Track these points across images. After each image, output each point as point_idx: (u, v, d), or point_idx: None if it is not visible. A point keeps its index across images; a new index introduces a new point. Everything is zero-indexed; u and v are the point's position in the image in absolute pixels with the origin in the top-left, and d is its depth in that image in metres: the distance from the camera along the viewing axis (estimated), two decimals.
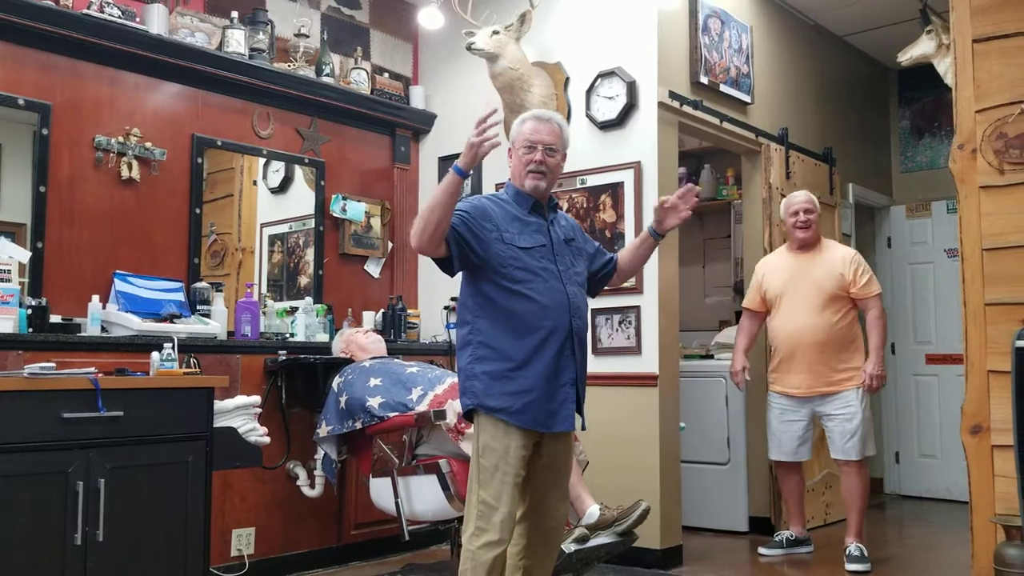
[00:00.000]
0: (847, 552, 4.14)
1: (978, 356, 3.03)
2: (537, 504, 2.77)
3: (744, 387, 4.55)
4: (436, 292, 5.08)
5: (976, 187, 3.19)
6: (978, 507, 3.03)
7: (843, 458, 4.27)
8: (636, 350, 4.32)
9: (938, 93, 5.81)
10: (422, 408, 3.60)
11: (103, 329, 3.69)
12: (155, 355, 3.30)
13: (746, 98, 4.92)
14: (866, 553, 4.13)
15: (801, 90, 5.55)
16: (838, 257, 4.35)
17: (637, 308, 4.33)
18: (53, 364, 2.97)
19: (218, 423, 3.33)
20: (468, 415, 2.79)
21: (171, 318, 3.83)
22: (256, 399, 3.65)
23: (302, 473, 4.18)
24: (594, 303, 4.39)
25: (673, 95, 4.40)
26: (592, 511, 3.48)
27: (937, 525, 5.40)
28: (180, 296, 4.01)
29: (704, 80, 4.58)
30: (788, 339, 4.31)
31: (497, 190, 4.79)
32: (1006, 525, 2.80)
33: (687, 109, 4.48)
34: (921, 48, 4.77)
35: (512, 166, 2.86)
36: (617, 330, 4.38)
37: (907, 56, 4.86)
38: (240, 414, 3.53)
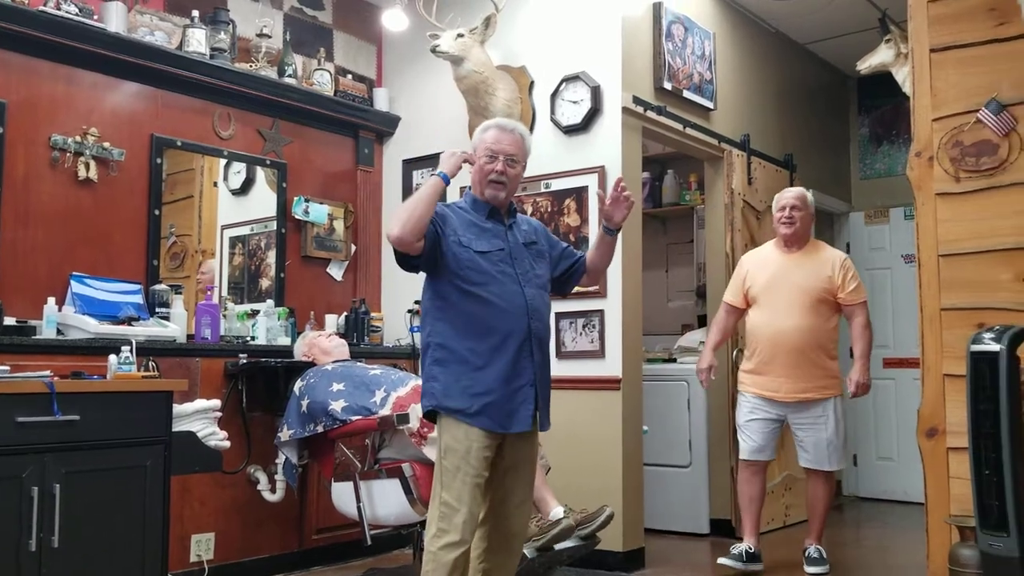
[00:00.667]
0: (806, 554, 4.18)
1: (934, 360, 3.08)
2: (498, 506, 2.78)
3: (708, 386, 4.44)
4: (399, 295, 5.06)
5: (933, 194, 3.24)
6: (934, 508, 3.08)
7: (814, 467, 4.15)
8: (600, 354, 4.33)
9: (896, 101, 5.90)
10: (385, 412, 3.58)
11: (59, 332, 3.63)
12: (112, 358, 3.25)
13: (709, 104, 4.96)
14: (825, 555, 4.17)
15: (763, 97, 5.61)
16: (827, 259, 4.17)
17: (601, 312, 4.35)
18: (7, 367, 2.91)
19: (177, 427, 3.28)
20: (430, 416, 2.80)
21: (129, 321, 3.77)
22: (216, 403, 3.60)
23: (263, 477, 4.14)
24: (558, 307, 4.42)
25: (637, 100, 4.42)
26: (556, 512, 3.49)
27: (894, 526, 5.48)
28: (138, 298, 3.95)
29: (668, 86, 4.62)
30: (768, 340, 4.11)
31: (461, 194, 4.81)
32: (960, 526, 2.85)
33: (651, 114, 4.51)
34: (880, 57, 4.85)
35: (472, 172, 2.87)
36: (581, 334, 4.39)
37: (866, 64, 4.93)
38: (200, 418, 3.48)
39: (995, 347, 2.73)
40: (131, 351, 3.27)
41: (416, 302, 4.93)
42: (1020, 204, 3.04)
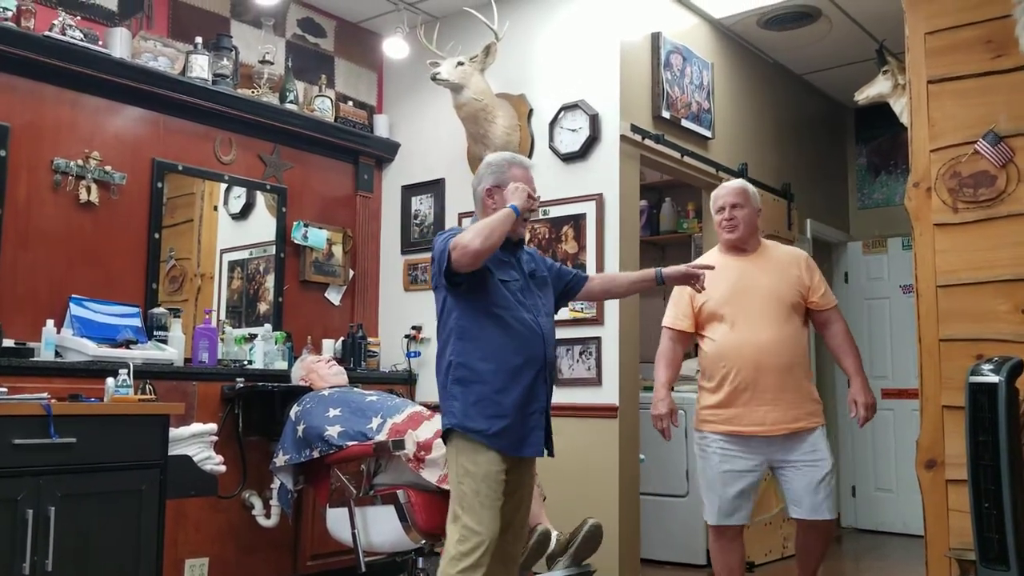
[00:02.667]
0: None
1: (933, 391, 3.07)
2: (501, 531, 2.76)
3: (671, 436, 3.59)
4: (397, 320, 5.06)
5: (931, 225, 3.25)
6: (933, 541, 3.06)
7: (811, 517, 3.32)
8: (596, 381, 4.33)
9: (894, 132, 5.94)
10: (381, 437, 3.57)
11: (57, 354, 3.62)
12: (110, 381, 3.24)
13: (707, 133, 4.99)
14: None
15: (761, 126, 5.65)
16: (791, 259, 3.54)
17: (598, 339, 4.35)
18: (5, 389, 2.90)
19: (173, 451, 3.27)
20: (445, 436, 2.82)
21: (127, 344, 3.77)
22: (212, 427, 3.59)
23: (258, 503, 4.12)
24: (556, 334, 4.40)
25: (635, 129, 4.45)
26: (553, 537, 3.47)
27: (893, 559, 5.45)
28: (137, 321, 3.95)
29: (666, 115, 4.65)
30: (748, 361, 3.31)
31: (460, 221, 4.83)
32: (961, 559, 2.83)
33: (649, 143, 4.53)
34: (878, 88, 4.88)
35: (493, 205, 2.91)
36: (578, 361, 4.39)
37: (864, 95, 4.97)
38: (196, 442, 3.47)
39: (994, 378, 2.73)
40: (128, 374, 3.27)
41: (414, 327, 4.96)
42: (1018, 235, 3.05)
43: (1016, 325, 3.03)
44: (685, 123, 4.80)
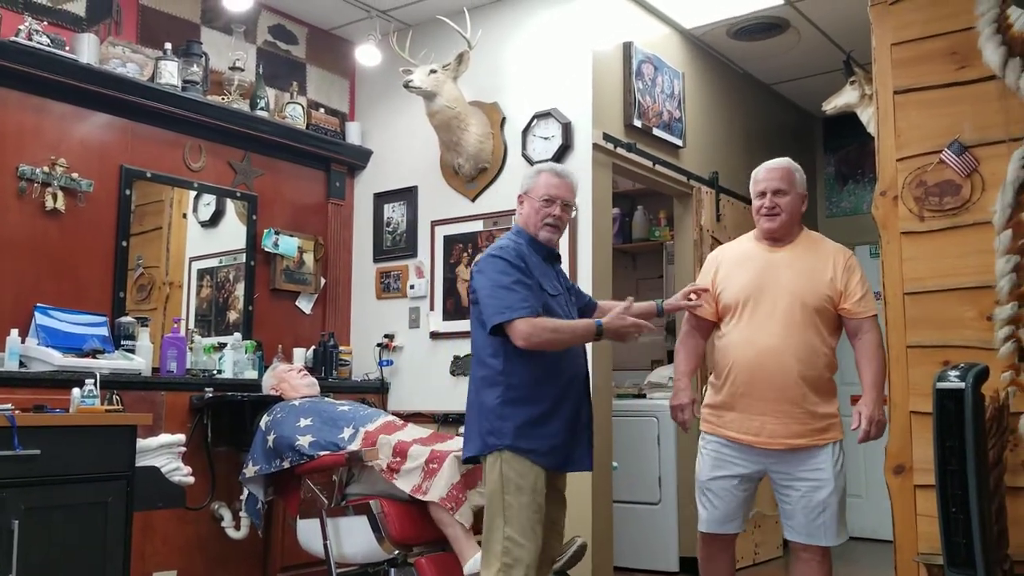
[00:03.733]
0: None
1: (901, 397, 3.11)
2: (544, 535, 2.84)
3: (689, 428, 3.27)
4: (369, 329, 5.04)
5: (898, 233, 3.29)
6: (902, 546, 3.08)
7: (806, 542, 3.00)
8: None
9: (861, 141, 6.00)
10: (354, 447, 3.54)
11: (22, 364, 3.56)
12: (76, 391, 3.19)
13: (678, 142, 5.02)
14: None
15: (731, 135, 5.69)
16: (827, 256, 3.13)
17: None
18: None
19: (140, 462, 3.23)
20: (483, 455, 2.85)
21: (94, 353, 3.72)
22: (180, 438, 3.55)
23: (227, 514, 4.07)
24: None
25: (607, 137, 4.47)
26: None
27: (862, 564, 5.49)
28: (104, 331, 3.90)
29: (638, 123, 4.67)
30: (748, 364, 3.00)
31: (432, 229, 4.83)
32: (929, 564, 2.86)
33: (621, 151, 4.55)
34: (845, 98, 4.94)
35: (525, 213, 2.98)
36: None
37: (832, 105, 5.03)
38: (164, 453, 3.44)
39: (960, 385, 2.76)
40: (95, 384, 3.22)
41: (386, 336, 4.94)
42: (982, 243, 3.10)
43: (981, 332, 3.07)
44: (657, 132, 4.83)
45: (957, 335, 3.13)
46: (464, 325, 4.70)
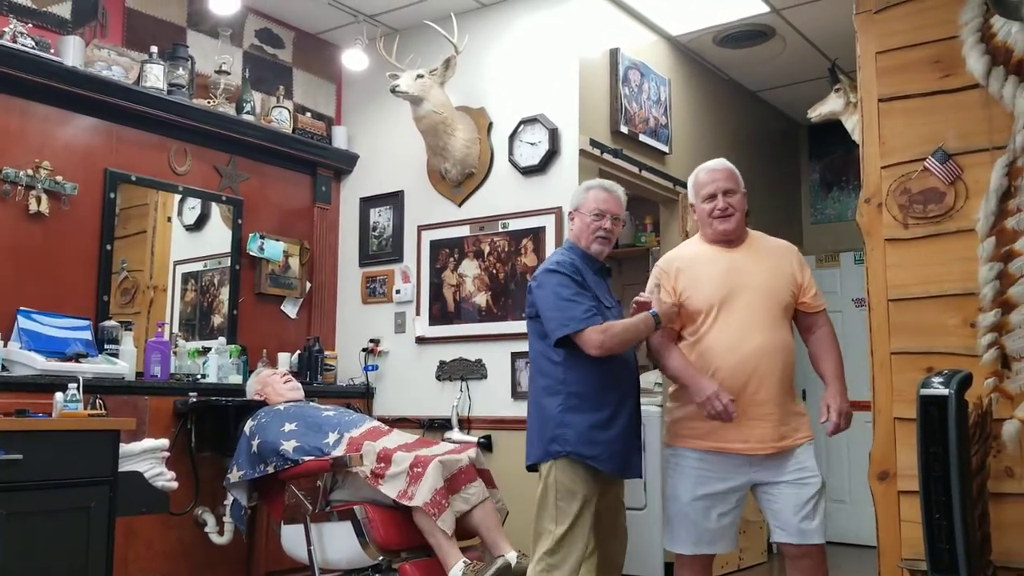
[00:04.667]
0: None
1: (885, 404, 3.12)
2: (607, 538, 3.03)
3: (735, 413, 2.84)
4: (354, 334, 5.03)
5: (882, 240, 3.31)
6: (886, 552, 3.09)
7: (799, 541, 2.88)
8: None
9: (846, 148, 6.04)
10: (338, 452, 3.53)
11: (4, 368, 3.54)
12: (59, 396, 3.16)
13: (664, 148, 5.04)
14: None
15: (716, 142, 5.71)
16: (782, 252, 3.11)
17: None
18: None
19: (124, 467, 3.20)
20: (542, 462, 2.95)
21: (77, 357, 3.69)
22: (164, 442, 3.52)
23: (210, 519, 4.05)
24: (514, 347, 4.42)
25: (594, 143, 4.47)
26: (510, 556, 3.45)
27: (846, 570, 5.51)
28: (87, 335, 3.87)
29: (624, 129, 4.68)
30: (733, 369, 2.86)
31: (419, 234, 4.82)
32: (913, 570, 2.87)
33: (607, 157, 4.56)
34: (830, 105, 4.98)
35: (577, 228, 3.11)
36: None
37: (817, 113, 5.06)
38: (147, 458, 3.41)
39: (944, 391, 2.77)
40: (78, 388, 3.20)
41: (372, 340, 4.93)
42: (966, 250, 3.12)
43: (965, 339, 3.09)
44: (643, 138, 4.84)
45: (941, 342, 3.14)
46: (450, 330, 4.70)
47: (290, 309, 4.94)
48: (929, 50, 3.26)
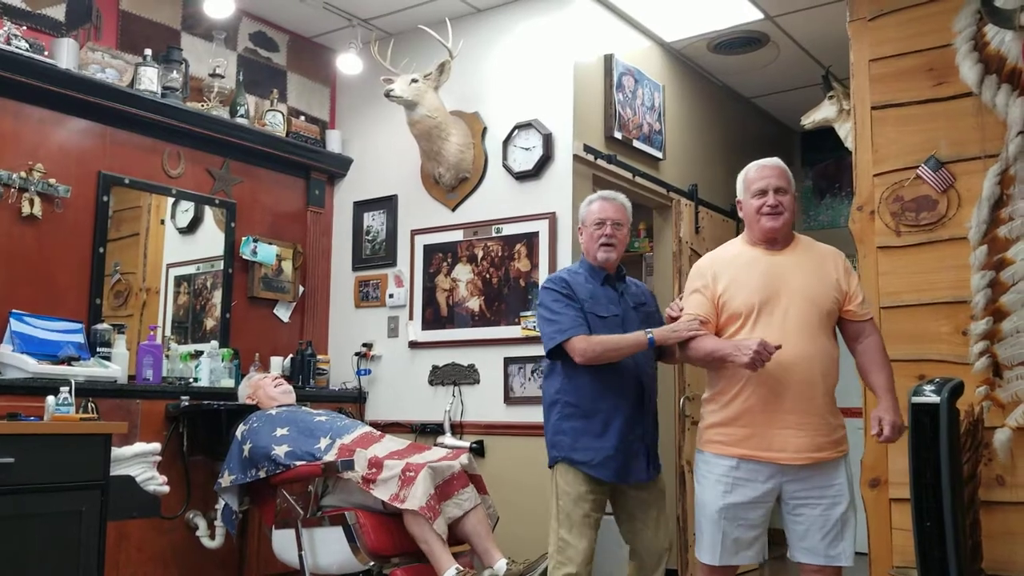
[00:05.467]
0: None
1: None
2: (638, 540, 3.13)
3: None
4: (347, 338, 5.02)
5: (874, 247, 3.33)
6: (877, 559, 3.11)
7: (825, 563, 2.74)
8: None
9: (839, 155, 6.06)
10: (330, 457, 3.53)
11: None
12: (50, 399, 3.15)
13: (658, 154, 5.05)
14: None
15: (710, 148, 5.73)
16: (827, 258, 2.90)
17: None
18: None
19: (115, 471, 3.19)
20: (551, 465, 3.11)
21: (69, 360, 3.68)
22: (156, 446, 3.52)
23: (202, 523, 4.03)
24: (507, 352, 4.42)
25: (588, 149, 4.48)
26: (500, 565, 3.45)
27: None
28: (80, 338, 3.86)
29: (618, 135, 4.69)
30: (769, 375, 2.70)
31: (412, 238, 4.82)
32: None
33: (601, 163, 4.57)
34: (823, 113, 5.00)
35: (584, 241, 3.20)
36: (530, 380, 4.38)
37: (810, 120, 5.08)
38: (139, 462, 3.40)
39: (935, 399, 2.79)
40: (70, 392, 3.19)
41: (364, 345, 4.92)
42: (958, 258, 3.14)
43: (956, 346, 3.11)
44: (637, 144, 4.85)
45: (933, 349, 3.16)
46: (442, 335, 4.70)
47: (283, 313, 4.93)
48: (922, 58, 3.29)
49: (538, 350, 4.35)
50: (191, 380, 4.24)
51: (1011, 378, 3.00)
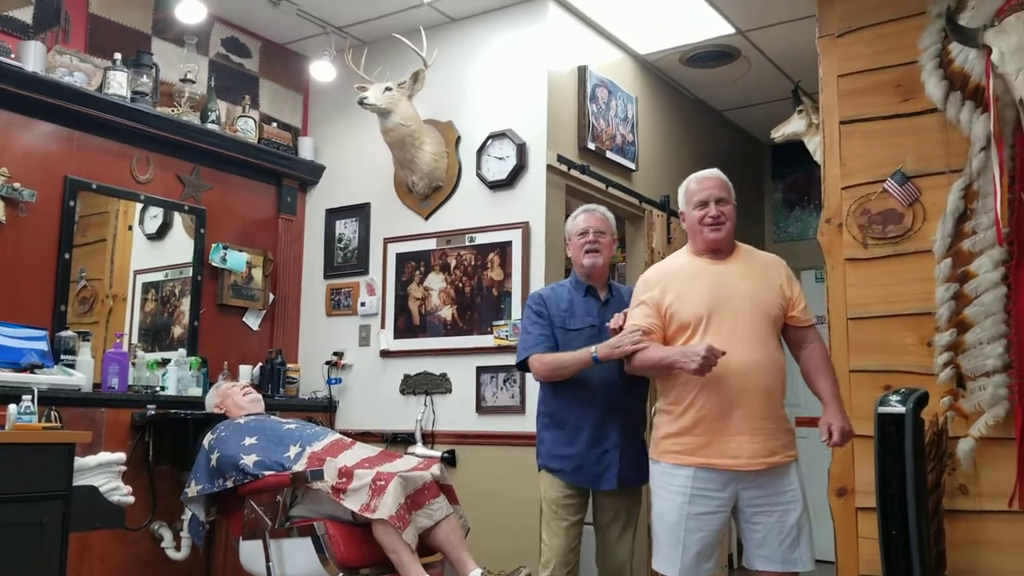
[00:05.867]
0: None
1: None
2: (602, 546, 3.27)
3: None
4: (318, 346, 4.99)
5: (842, 259, 3.37)
6: (843, 568, 3.13)
7: (783, 570, 2.78)
8: (520, 409, 4.32)
9: (808, 169, 6.11)
10: (299, 466, 3.50)
11: None
12: (12, 407, 3.09)
13: (631, 165, 5.07)
14: None
15: (682, 160, 5.76)
16: (770, 265, 2.99)
17: None
18: None
19: (79, 481, 3.14)
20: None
21: (32, 368, 3.61)
22: (121, 456, 3.46)
23: (167, 534, 3.98)
24: (479, 361, 4.41)
25: (561, 159, 4.49)
26: (474, 575, 3.43)
27: None
28: (43, 345, 3.79)
29: (591, 146, 4.71)
30: (726, 383, 2.74)
31: (385, 247, 4.80)
32: None
33: (575, 173, 4.58)
34: (793, 126, 5.05)
35: (572, 253, 3.36)
36: (502, 388, 4.38)
37: (780, 133, 5.13)
38: (103, 472, 3.35)
39: (901, 409, 2.82)
40: (32, 400, 3.13)
41: (335, 354, 4.89)
42: (923, 271, 3.18)
43: (922, 358, 3.14)
44: (610, 155, 4.87)
45: (898, 360, 3.19)
46: (414, 344, 4.68)
47: (252, 321, 4.89)
48: (890, 74, 3.33)
49: (510, 359, 4.36)
50: (158, 388, 4.19)
51: (974, 389, 3.04)
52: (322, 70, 4.90)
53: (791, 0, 4.32)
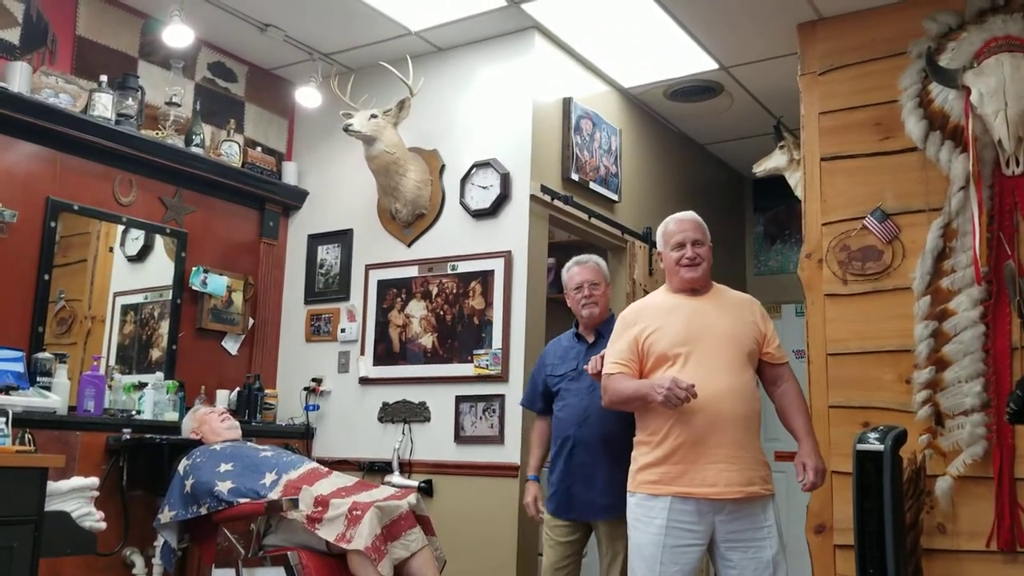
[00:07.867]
0: None
1: (823, 457, 3.16)
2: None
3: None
4: (296, 372, 4.95)
5: (822, 294, 3.39)
6: None
7: None
8: (499, 439, 4.30)
9: (789, 203, 6.16)
10: (275, 494, 3.46)
11: None
12: None
13: (614, 196, 5.10)
14: None
15: (665, 192, 5.80)
16: (744, 303, 3.08)
17: (502, 397, 4.33)
18: None
19: (50, 506, 3.08)
20: None
21: (7, 390, 3.56)
22: (94, 481, 3.41)
23: (139, 561, 3.92)
24: (459, 390, 4.40)
25: (545, 189, 4.51)
26: None
27: None
28: (19, 366, 3.74)
29: (575, 177, 4.73)
30: (703, 412, 2.77)
31: (367, 273, 4.79)
32: None
33: (558, 203, 4.60)
34: (774, 161, 5.10)
35: (570, 305, 3.59)
36: (481, 418, 4.36)
37: (761, 168, 5.18)
38: (75, 497, 3.29)
39: (879, 447, 2.83)
40: (6, 422, 3.09)
41: (313, 379, 4.86)
42: (902, 307, 3.20)
43: (900, 394, 3.16)
44: (593, 186, 4.90)
45: (877, 397, 3.21)
46: (394, 371, 4.66)
47: (231, 345, 4.85)
48: (870, 113, 3.38)
49: (490, 389, 4.36)
50: (134, 412, 4.14)
51: (952, 427, 3.06)
52: (308, 96, 4.91)
53: (774, 38, 4.37)
